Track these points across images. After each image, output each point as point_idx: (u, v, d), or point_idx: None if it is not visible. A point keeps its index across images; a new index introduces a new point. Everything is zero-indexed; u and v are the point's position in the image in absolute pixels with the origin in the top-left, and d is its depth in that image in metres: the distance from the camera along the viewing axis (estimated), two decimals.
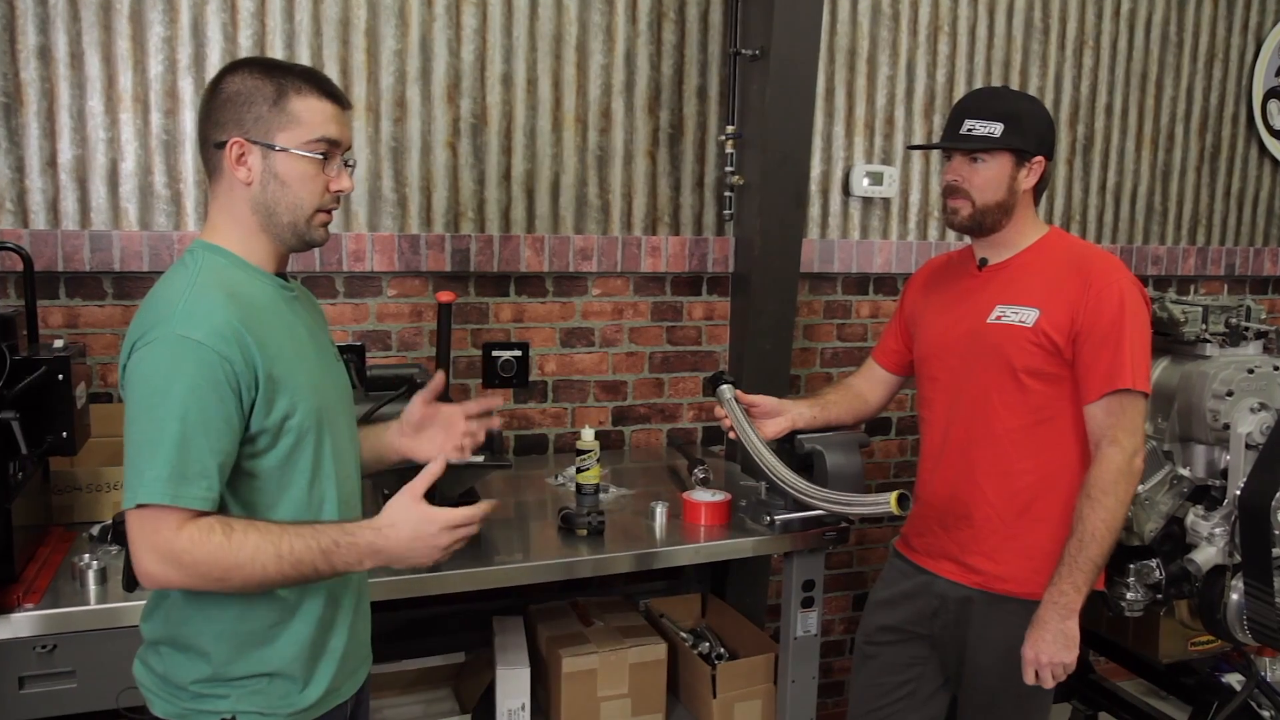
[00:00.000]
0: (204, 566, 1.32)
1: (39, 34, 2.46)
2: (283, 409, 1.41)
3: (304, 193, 1.45)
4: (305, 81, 1.44)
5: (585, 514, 2.27)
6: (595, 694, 2.48)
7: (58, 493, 2.18)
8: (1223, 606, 2.31)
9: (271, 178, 1.43)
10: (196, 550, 1.32)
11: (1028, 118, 2.02)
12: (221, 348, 1.34)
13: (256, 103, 1.41)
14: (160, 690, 1.47)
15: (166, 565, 1.32)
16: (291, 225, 1.46)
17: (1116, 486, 1.92)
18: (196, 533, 1.32)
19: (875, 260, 3.35)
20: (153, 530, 1.32)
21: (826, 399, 2.32)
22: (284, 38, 2.65)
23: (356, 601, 1.59)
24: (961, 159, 2.04)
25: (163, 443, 1.31)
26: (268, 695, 1.45)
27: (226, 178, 1.44)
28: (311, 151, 1.44)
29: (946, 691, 2.22)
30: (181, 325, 1.33)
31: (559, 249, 2.96)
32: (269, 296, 1.47)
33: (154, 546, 1.32)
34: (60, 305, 2.56)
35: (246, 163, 1.42)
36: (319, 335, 1.60)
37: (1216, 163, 3.86)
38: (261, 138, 1.41)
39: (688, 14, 3.03)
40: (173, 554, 1.32)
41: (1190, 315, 2.44)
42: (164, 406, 1.31)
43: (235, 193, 1.44)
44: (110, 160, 2.55)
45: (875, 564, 3.53)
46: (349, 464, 1.58)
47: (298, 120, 1.42)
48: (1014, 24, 3.45)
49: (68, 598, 1.83)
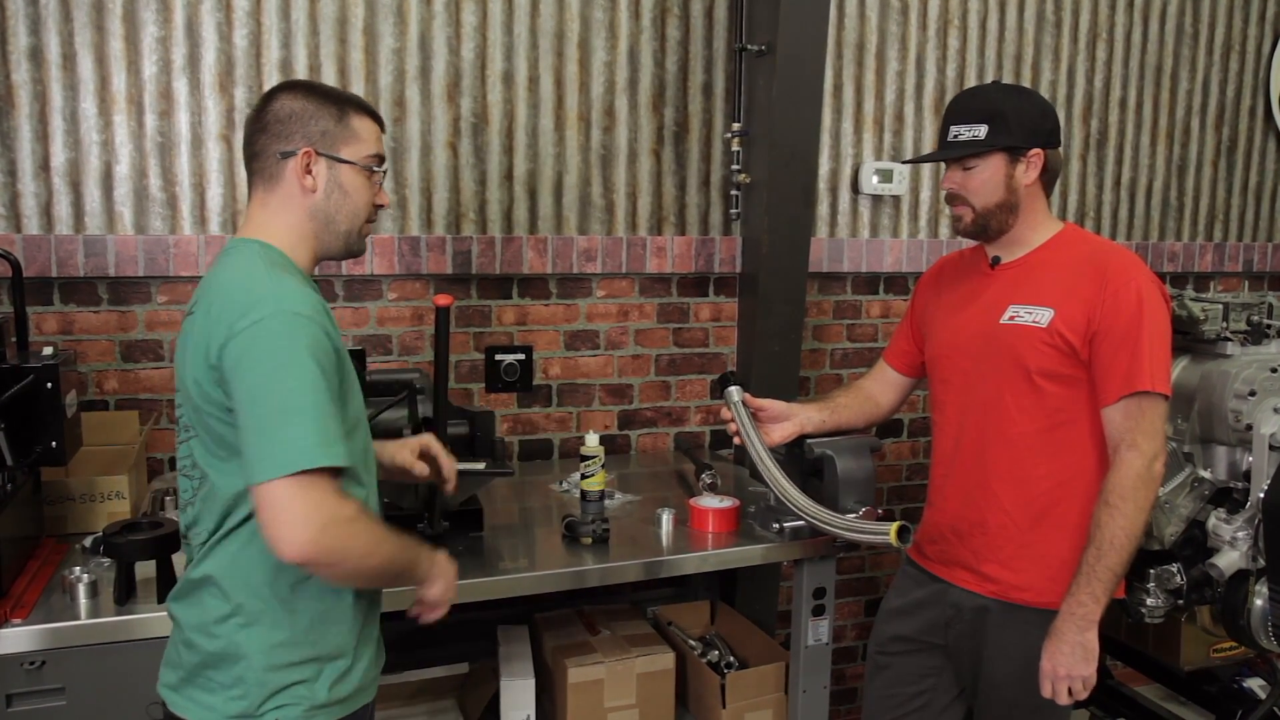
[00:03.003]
0: (361, 539, 1.38)
1: (30, 35, 2.42)
2: (349, 398, 1.48)
3: (361, 203, 1.57)
4: (359, 104, 1.58)
5: (589, 522, 2.22)
6: (602, 704, 2.43)
7: (50, 503, 2.14)
8: (1246, 612, 2.25)
9: (336, 187, 1.53)
10: (360, 521, 1.38)
11: (1013, 112, 1.95)
12: (325, 324, 1.42)
13: (322, 119, 1.52)
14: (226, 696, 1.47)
15: (328, 534, 1.33)
16: (346, 234, 1.57)
17: (1136, 493, 1.85)
18: (357, 503, 1.39)
19: (885, 259, 3.29)
20: (319, 497, 1.33)
21: (836, 402, 2.26)
22: (280, 36, 2.60)
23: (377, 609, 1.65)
24: (955, 166, 2.00)
25: (305, 409, 1.34)
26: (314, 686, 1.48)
27: (287, 186, 1.52)
28: (370, 164, 1.57)
29: (962, 703, 2.17)
30: (288, 302, 1.38)
31: (562, 250, 2.91)
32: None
33: (321, 513, 1.33)
34: (54, 311, 2.52)
35: (313, 172, 1.52)
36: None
37: (1233, 157, 3.79)
38: (329, 150, 1.52)
39: (692, 9, 2.98)
40: (340, 521, 1.34)
41: (1210, 313, 2.38)
42: (295, 377, 1.34)
43: (295, 200, 1.52)
44: (104, 163, 2.51)
45: (888, 569, 3.48)
46: (374, 468, 1.62)
47: (358, 137, 1.55)
48: (1025, 17, 3.39)
49: (58, 612, 1.78)
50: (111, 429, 2.40)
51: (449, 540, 2.16)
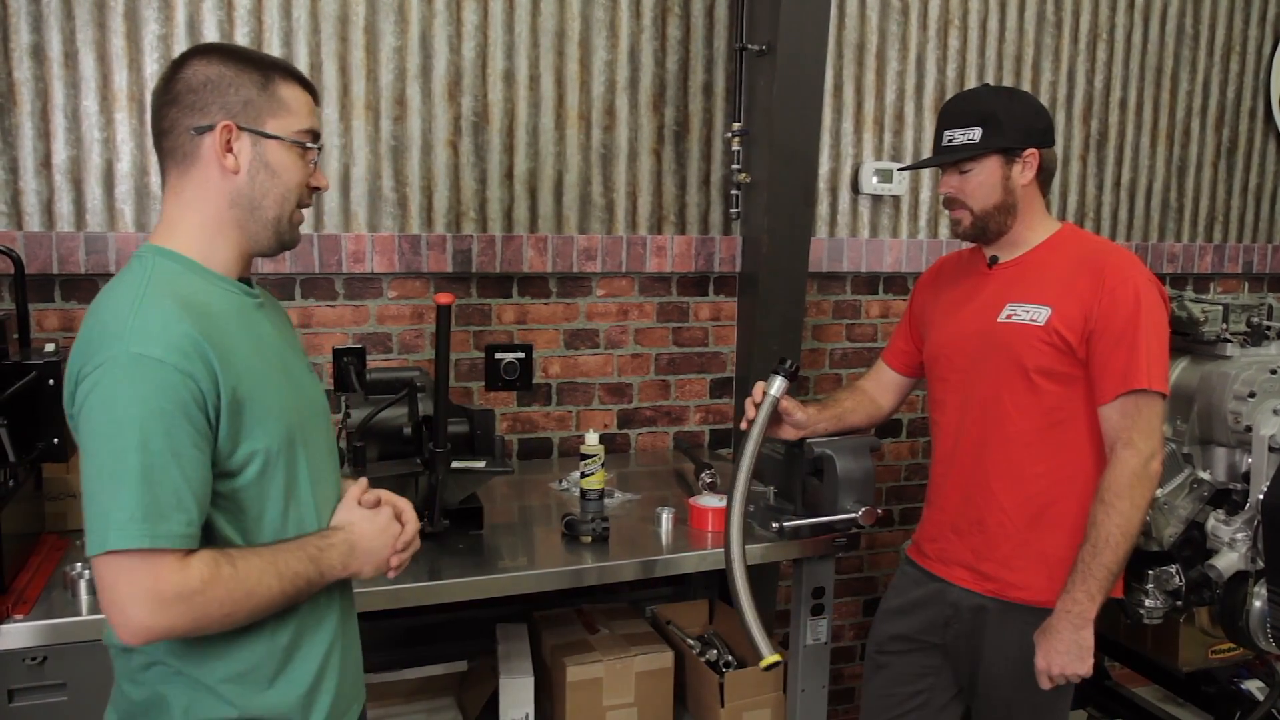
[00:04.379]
0: (216, 603, 1.21)
1: (32, 32, 2.42)
2: (249, 432, 1.28)
3: (292, 184, 1.36)
4: (286, 70, 1.37)
5: (589, 521, 2.22)
6: (600, 703, 2.44)
7: (51, 500, 2.14)
8: (1245, 614, 2.25)
9: (262, 167, 1.33)
10: (211, 588, 1.20)
11: (1005, 113, 1.96)
12: (183, 364, 1.20)
13: (243, 86, 1.31)
14: None
15: (169, 612, 1.18)
16: (275, 221, 1.36)
17: (1132, 491, 1.86)
18: (205, 568, 1.20)
19: (885, 259, 3.30)
20: (149, 576, 1.17)
21: (843, 407, 2.27)
22: (281, 35, 2.60)
23: (345, 632, 1.48)
24: (950, 170, 2.01)
25: (126, 476, 1.16)
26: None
27: (204, 167, 1.32)
28: (302, 140, 1.36)
29: (960, 702, 2.17)
30: (135, 342, 1.18)
31: (563, 249, 2.91)
32: (231, 305, 1.34)
33: (154, 593, 1.17)
34: (55, 308, 2.52)
35: (234, 150, 1.31)
36: (289, 346, 1.46)
37: (1234, 158, 3.79)
38: (251, 123, 1.32)
39: (692, 9, 2.98)
40: (181, 595, 1.18)
41: (1210, 314, 2.38)
42: (124, 437, 1.17)
43: (212, 184, 1.32)
44: (106, 161, 2.51)
45: (886, 569, 3.48)
46: (327, 481, 1.45)
47: (287, 107, 1.35)
48: (1026, 17, 3.39)
49: (59, 608, 1.79)
50: None
51: (449, 538, 2.17)
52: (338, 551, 1.36)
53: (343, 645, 1.46)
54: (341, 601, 1.47)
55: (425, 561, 2.05)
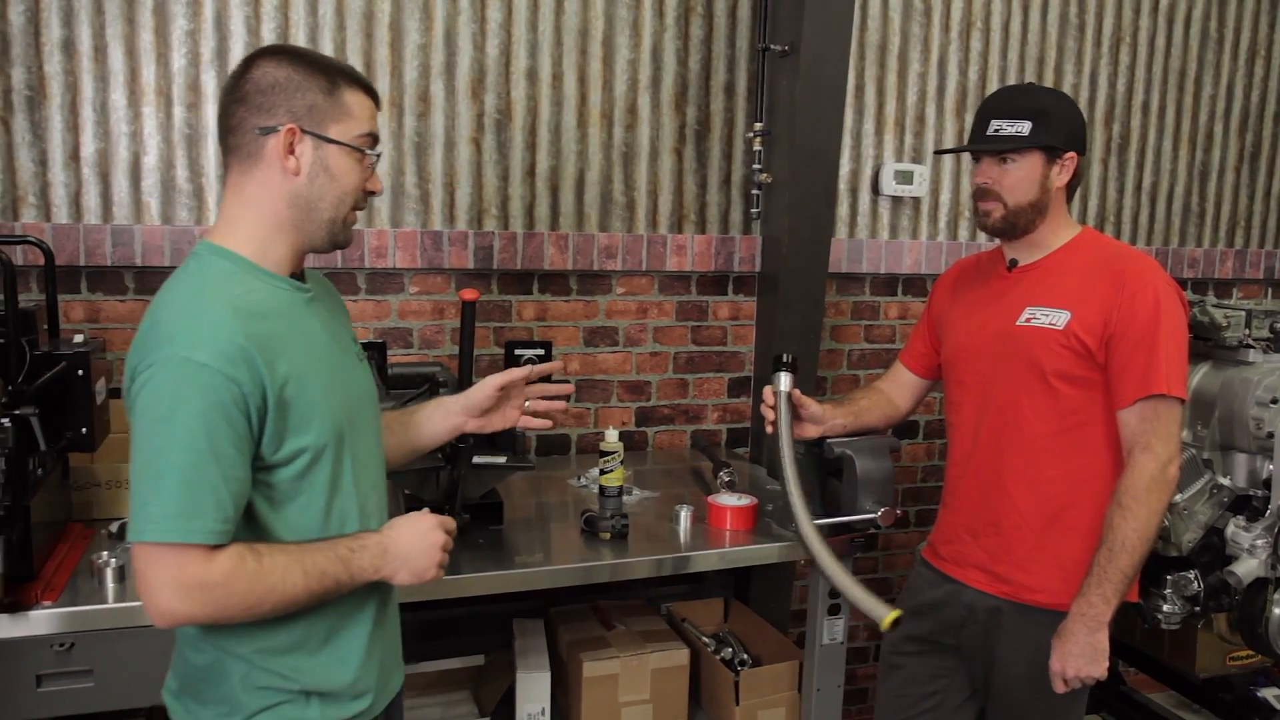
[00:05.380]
0: (238, 596, 1.27)
1: (63, 27, 2.45)
2: (296, 430, 1.33)
3: (349, 187, 1.40)
4: (352, 75, 1.41)
5: (609, 517, 2.24)
6: (616, 699, 2.45)
7: (77, 489, 2.17)
8: (1264, 621, 2.25)
9: (322, 169, 1.37)
10: (231, 581, 1.26)
11: (1056, 113, 1.96)
12: (228, 369, 1.25)
13: (309, 91, 1.36)
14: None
15: (190, 600, 1.25)
16: (330, 222, 1.41)
17: (1149, 495, 1.86)
18: (228, 563, 1.26)
19: (904, 260, 3.29)
20: (175, 566, 1.24)
21: (859, 405, 2.26)
22: (307, 31, 2.63)
23: (386, 610, 1.54)
24: (990, 160, 1.99)
25: (168, 474, 1.23)
26: (305, 708, 1.41)
27: (265, 167, 1.36)
28: (362, 145, 1.40)
29: (974, 703, 2.17)
30: (185, 346, 1.25)
31: (583, 247, 2.92)
32: (283, 303, 1.38)
33: (178, 582, 1.24)
34: (81, 300, 2.55)
35: (296, 152, 1.36)
36: (340, 337, 1.50)
37: (1257, 163, 3.77)
38: (315, 127, 1.36)
39: (716, 9, 2.99)
40: (203, 587, 1.25)
41: (1233, 320, 2.37)
42: (169, 435, 1.24)
43: (273, 184, 1.37)
44: (132, 154, 2.54)
45: (900, 570, 3.48)
46: (372, 475, 1.51)
47: (350, 113, 1.39)
48: (1049, 20, 3.38)
49: (86, 596, 1.82)
50: None
51: (469, 533, 2.19)
52: (369, 554, 1.39)
53: (387, 625, 1.53)
54: (382, 587, 1.51)
55: None
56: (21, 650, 1.75)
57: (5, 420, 1.67)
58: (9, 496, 1.67)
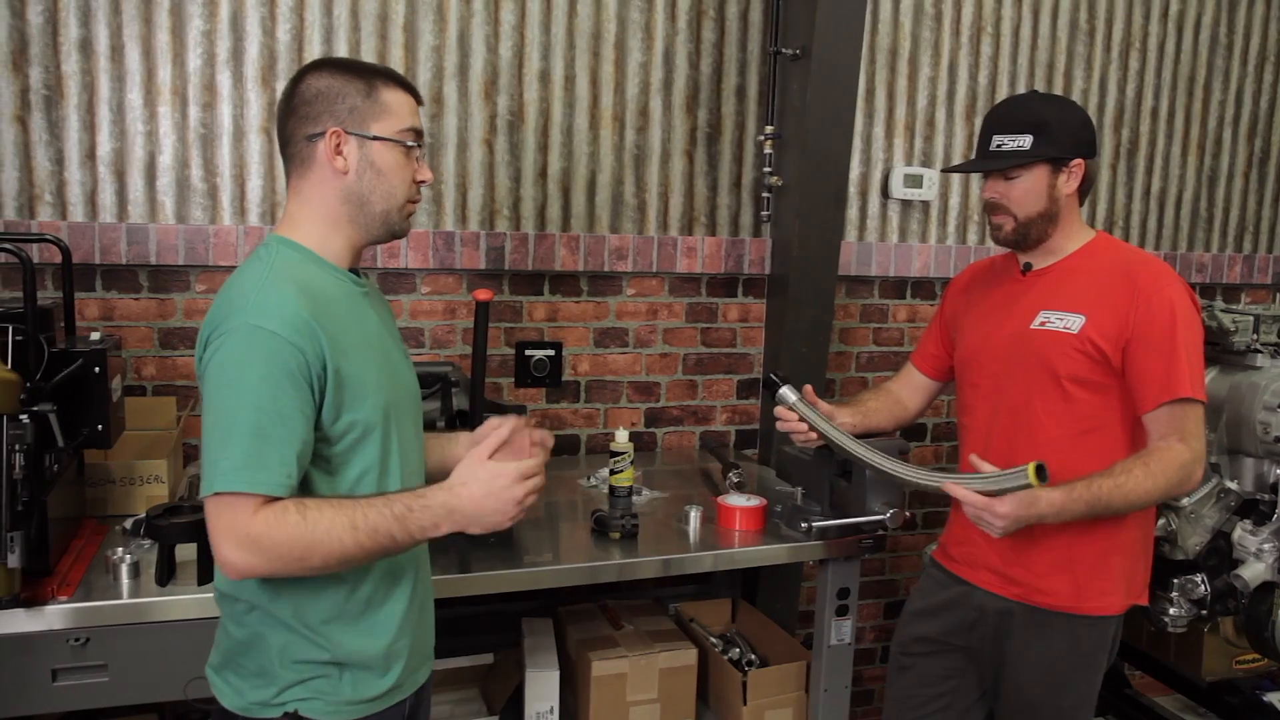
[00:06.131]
0: (284, 548, 1.33)
1: (80, 27, 2.47)
2: (350, 405, 1.42)
3: (397, 181, 1.49)
4: (389, 75, 1.50)
5: (619, 516, 2.25)
6: (624, 698, 2.46)
7: (92, 485, 2.18)
8: (1271, 624, 2.26)
9: (368, 166, 1.47)
10: (274, 532, 1.32)
11: (1057, 122, 1.96)
12: (294, 338, 1.35)
13: (349, 95, 1.45)
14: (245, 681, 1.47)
15: (245, 551, 1.32)
16: (384, 215, 1.50)
17: (1169, 474, 1.86)
18: (272, 515, 1.32)
19: (914, 264, 3.30)
20: (230, 517, 1.32)
21: (867, 405, 2.27)
22: (322, 32, 2.64)
23: (421, 595, 1.59)
24: (996, 176, 2.00)
25: (237, 430, 1.32)
26: (338, 683, 1.46)
27: (319, 170, 1.47)
28: (404, 139, 1.49)
29: (984, 705, 2.18)
30: (255, 315, 1.35)
31: (594, 248, 2.93)
32: (341, 291, 1.48)
33: (232, 533, 1.32)
34: (96, 298, 2.57)
35: (343, 152, 1.45)
36: (389, 334, 1.59)
37: (1265, 168, 3.78)
38: (357, 128, 1.46)
39: (727, 12, 3.00)
40: (250, 538, 1.32)
41: (1241, 324, 2.39)
42: (238, 395, 1.33)
43: (327, 185, 1.47)
44: (148, 153, 2.56)
45: (907, 572, 3.49)
46: (414, 464, 1.57)
47: (389, 110, 1.47)
48: (1059, 25, 3.39)
49: (101, 591, 1.83)
50: (149, 414, 2.44)
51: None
52: (430, 514, 1.40)
53: (419, 606, 1.58)
54: (419, 569, 1.58)
55: (454, 554, 2.08)
56: (37, 645, 1.76)
57: (24, 417, 1.68)
58: (27, 492, 1.68)
